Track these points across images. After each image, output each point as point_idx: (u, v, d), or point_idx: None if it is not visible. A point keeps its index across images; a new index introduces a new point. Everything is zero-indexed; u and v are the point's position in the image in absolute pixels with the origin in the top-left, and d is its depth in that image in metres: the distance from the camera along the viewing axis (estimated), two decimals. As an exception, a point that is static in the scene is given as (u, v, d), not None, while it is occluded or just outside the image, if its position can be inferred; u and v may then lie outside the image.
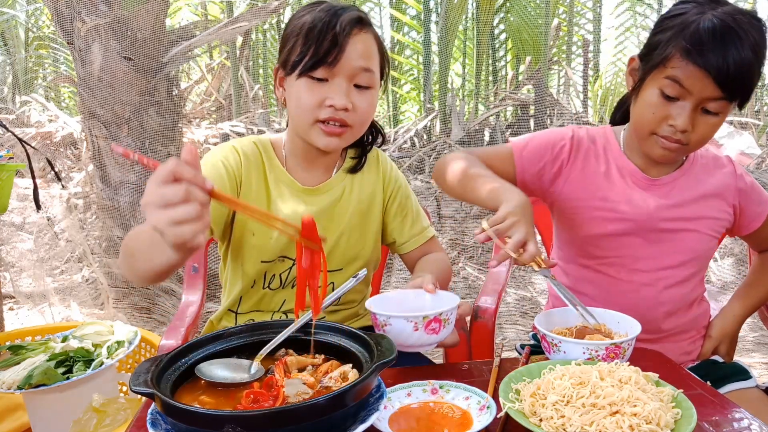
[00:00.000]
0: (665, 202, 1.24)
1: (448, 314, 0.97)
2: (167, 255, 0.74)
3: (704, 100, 1.09)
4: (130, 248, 0.92)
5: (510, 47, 8.82)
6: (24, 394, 1.40)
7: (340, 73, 1.10)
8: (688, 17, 1.09)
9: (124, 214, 3.28)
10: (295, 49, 1.11)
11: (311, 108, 1.11)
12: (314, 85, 1.11)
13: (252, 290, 1.24)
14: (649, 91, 1.15)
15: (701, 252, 1.29)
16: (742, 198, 1.30)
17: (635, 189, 1.25)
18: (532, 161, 1.28)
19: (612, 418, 0.76)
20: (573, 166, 1.28)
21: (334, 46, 1.08)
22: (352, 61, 1.10)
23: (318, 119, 1.12)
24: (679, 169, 1.27)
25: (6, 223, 4.26)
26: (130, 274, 0.94)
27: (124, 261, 0.95)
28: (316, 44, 1.08)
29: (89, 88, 3.16)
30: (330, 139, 1.14)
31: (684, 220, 1.25)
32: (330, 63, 1.08)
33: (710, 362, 1.35)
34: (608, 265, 1.28)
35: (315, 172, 1.25)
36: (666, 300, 1.27)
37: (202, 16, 7.85)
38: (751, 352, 2.95)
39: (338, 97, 1.10)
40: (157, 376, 0.76)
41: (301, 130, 1.16)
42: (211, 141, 5.92)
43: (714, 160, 1.32)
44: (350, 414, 0.72)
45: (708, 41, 1.05)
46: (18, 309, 3.43)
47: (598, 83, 8.36)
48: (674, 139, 1.14)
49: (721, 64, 1.04)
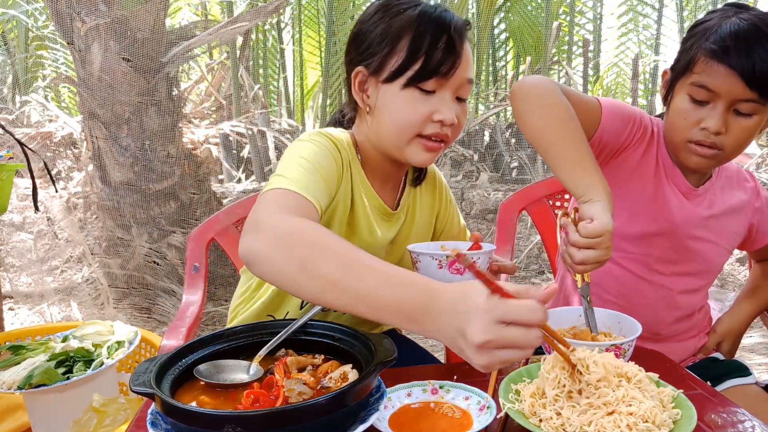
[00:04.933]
0: (700, 211, 1.24)
1: (475, 257, 0.94)
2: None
3: (734, 102, 1.07)
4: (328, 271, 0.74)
5: (510, 47, 8.82)
6: (24, 394, 1.40)
7: (450, 86, 1.01)
8: (712, 23, 1.08)
9: (124, 214, 3.28)
10: (396, 54, 0.99)
11: (417, 123, 1.00)
12: (422, 97, 1.00)
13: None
14: (678, 99, 1.13)
15: (716, 264, 1.30)
16: (759, 217, 1.31)
17: (678, 194, 1.23)
18: (613, 127, 1.18)
19: (609, 417, 0.76)
20: (635, 151, 1.22)
21: (451, 54, 0.98)
22: (463, 72, 1.01)
23: (421, 134, 1.02)
24: (709, 181, 1.26)
25: (6, 223, 4.26)
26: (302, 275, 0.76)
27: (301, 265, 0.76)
28: (428, 53, 0.97)
29: (89, 88, 3.17)
30: (428, 155, 1.04)
31: (710, 231, 1.25)
32: (445, 74, 0.98)
33: (710, 359, 1.35)
34: (631, 261, 1.27)
35: (386, 188, 1.15)
36: (678, 305, 1.28)
37: (202, 16, 7.85)
38: (751, 352, 2.95)
39: (448, 112, 1.00)
40: (157, 376, 0.76)
41: (393, 144, 1.04)
42: (211, 141, 5.92)
43: (738, 174, 1.32)
44: (350, 414, 0.72)
45: (731, 41, 1.03)
46: (18, 309, 3.43)
47: (598, 83, 8.36)
48: (708, 143, 1.11)
49: (746, 62, 1.02)
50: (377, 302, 0.70)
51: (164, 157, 3.31)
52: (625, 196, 1.24)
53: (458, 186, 5.84)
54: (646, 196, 1.23)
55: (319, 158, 0.98)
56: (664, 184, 1.23)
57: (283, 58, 8.59)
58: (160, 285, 3.30)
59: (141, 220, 3.28)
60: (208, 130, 5.97)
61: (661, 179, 1.23)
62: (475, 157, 6.85)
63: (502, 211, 1.65)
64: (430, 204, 1.24)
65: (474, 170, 6.71)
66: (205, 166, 3.92)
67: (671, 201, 1.23)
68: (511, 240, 1.61)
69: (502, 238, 1.59)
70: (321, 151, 1.00)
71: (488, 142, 7.35)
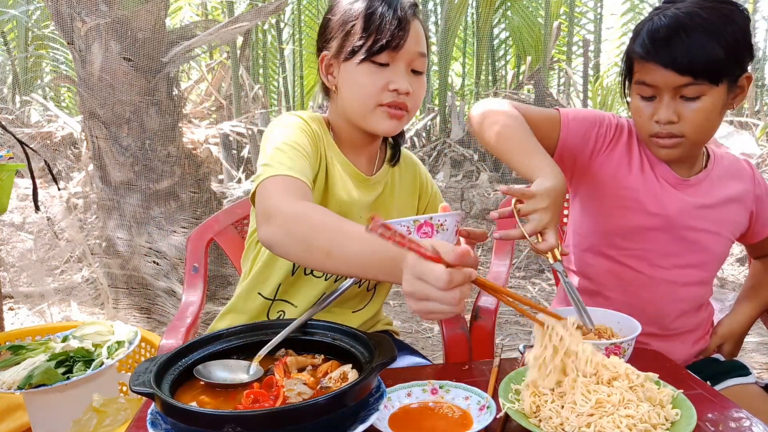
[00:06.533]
0: (694, 202, 1.25)
1: (441, 219, 0.97)
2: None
3: (676, 90, 1.13)
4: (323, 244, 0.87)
5: (510, 47, 8.83)
6: (24, 394, 1.40)
7: (401, 58, 1.11)
8: (639, 26, 1.18)
9: (124, 214, 3.28)
10: (352, 35, 1.12)
11: (375, 93, 1.11)
12: (377, 69, 1.11)
13: (293, 277, 1.22)
14: (632, 101, 1.21)
15: (719, 255, 1.30)
16: (759, 205, 1.31)
17: (667, 186, 1.25)
18: (578, 132, 1.26)
19: (608, 417, 0.76)
20: (613, 151, 1.27)
21: (400, 30, 1.09)
22: (413, 45, 1.11)
23: (381, 103, 1.12)
24: (704, 171, 1.28)
25: (6, 223, 4.26)
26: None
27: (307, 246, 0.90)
28: (380, 29, 1.09)
29: (89, 88, 3.17)
30: (391, 122, 1.14)
31: (709, 221, 1.26)
32: (395, 48, 1.09)
33: (710, 360, 1.35)
34: (631, 257, 1.28)
35: (360, 159, 1.24)
36: (682, 298, 1.28)
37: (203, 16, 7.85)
38: (750, 352, 2.95)
39: (401, 81, 1.11)
40: (156, 376, 0.76)
41: (359, 116, 1.15)
42: (211, 141, 5.92)
43: (736, 163, 1.33)
44: (350, 414, 0.72)
45: (654, 38, 1.12)
46: (18, 309, 3.43)
47: (598, 83, 8.36)
48: (665, 134, 1.17)
49: (667, 55, 1.10)
50: (363, 264, 0.83)
51: (164, 157, 3.31)
52: (611, 194, 1.26)
53: (458, 186, 5.85)
54: (635, 192, 1.25)
55: (295, 138, 1.10)
56: (651, 177, 1.25)
57: (283, 58, 8.59)
58: (160, 285, 3.30)
59: (141, 220, 3.28)
60: (208, 130, 5.98)
61: (647, 173, 1.26)
62: (475, 157, 6.85)
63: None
64: (411, 183, 1.33)
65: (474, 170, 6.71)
66: (205, 166, 3.93)
67: (661, 193, 1.24)
68: (510, 240, 1.60)
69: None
70: (295, 131, 1.12)
71: (488, 142, 7.33)
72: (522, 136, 1.14)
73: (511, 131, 1.15)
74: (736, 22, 1.10)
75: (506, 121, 1.17)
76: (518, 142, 1.13)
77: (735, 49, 1.10)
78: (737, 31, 1.10)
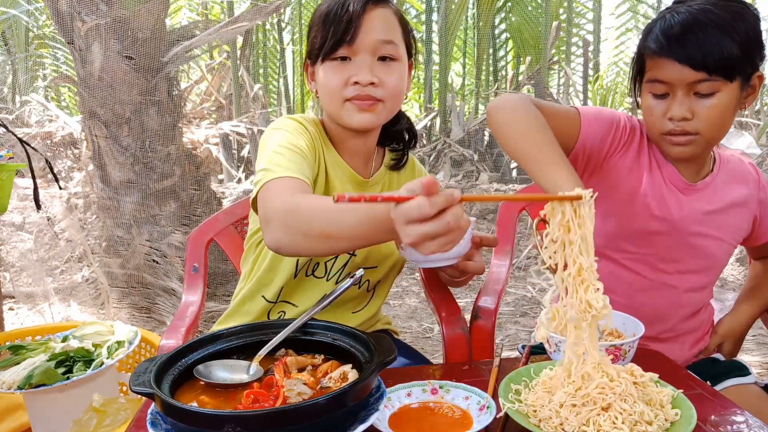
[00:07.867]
0: (700, 207, 1.24)
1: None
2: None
3: (690, 86, 1.12)
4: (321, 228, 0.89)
5: (510, 47, 8.83)
6: (24, 394, 1.40)
7: (361, 50, 1.11)
8: (651, 24, 1.17)
9: (124, 214, 3.28)
10: (316, 37, 1.14)
11: (338, 88, 1.12)
12: (338, 65, 1.12)
13: (295, 280, 1.22)
14: (643, 98, 1.20)
15: (722, 260, 1.30)
16: (763, 209, 1.31)
17: (674, 190, 1.24)
18: (598, 131, 1.22)
19: (606, 414, 0.76)
20: (626, 153, 1.25)
21: (350, 23, 1.09)
22: (371, 35, 1.11)
23: (346, 98, 1.12)
24: (710, 175, 1.27)
25: (6, 223, 4.26)
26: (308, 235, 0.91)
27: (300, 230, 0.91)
28: (333, 26, 1.10)
29: (89, 88, 3.16)
30: (363, 115, 1.13)
31: (714, 227, 1.25)
32: (348, 41, 1.10)
33: (710, 360, 1.35)
34: (634, 261, 1.27)
35: (356, 161, 1.24)
36: (685, 303, 1.28)
37: (203, 15, 7.85)
38: (750, 352, 2.95)
39: (362, 73, 1.11)
40: (156, 376, 0.76)
41: (333, 114, 1.16)
42: (211, 141, 5.92)
43: (741, 167, 1.32)
44: (350, 414, 0.72)
45: (668, 34, 1.11)
46: (18, 309, 3.43)
47: (598, 83, 8.36)
48: (679, 131, 1.15)
49: (681, 50, 1.09)
50: (363, 232, 0.83)
51: (164, 157, 3.31)
52: (621, 198, 1.25)
53: (458, 186, 5.85)
54: (643, 194, 1.24)
55: (293, 140, 1.11)
56: (658, 180, 1.24)
57: (283, 58, 8.60)
58: (160, 285, 3.30)
59: (141, 220, 3.28)
60: (208, 130, 5.98)
61: (655, 175, 1.25)
62: (475, 157, 6.86)
63: (502, 211, 1.65)
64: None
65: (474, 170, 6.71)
66: (205, 165, 3.93)
67: (668, 198, 1.23)
68: (511, 240, 1.60)
69: (502, 238, 1.59)
70: (292, 134, 1.13)
71: (488, 142, 7.36)
72: (542, 140, 1.08)
73: (531, 135, 1.09)
74: (748, 20, 1.10)
75: (525, 123, 1.11)
76: (538, 148, 1.08)
77: (748, 46, 1.10)
78: (749, 28, 1.10)
